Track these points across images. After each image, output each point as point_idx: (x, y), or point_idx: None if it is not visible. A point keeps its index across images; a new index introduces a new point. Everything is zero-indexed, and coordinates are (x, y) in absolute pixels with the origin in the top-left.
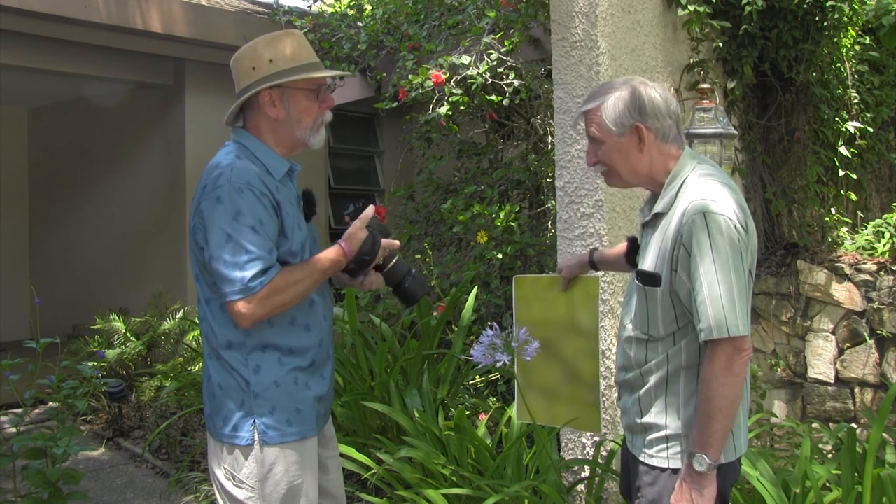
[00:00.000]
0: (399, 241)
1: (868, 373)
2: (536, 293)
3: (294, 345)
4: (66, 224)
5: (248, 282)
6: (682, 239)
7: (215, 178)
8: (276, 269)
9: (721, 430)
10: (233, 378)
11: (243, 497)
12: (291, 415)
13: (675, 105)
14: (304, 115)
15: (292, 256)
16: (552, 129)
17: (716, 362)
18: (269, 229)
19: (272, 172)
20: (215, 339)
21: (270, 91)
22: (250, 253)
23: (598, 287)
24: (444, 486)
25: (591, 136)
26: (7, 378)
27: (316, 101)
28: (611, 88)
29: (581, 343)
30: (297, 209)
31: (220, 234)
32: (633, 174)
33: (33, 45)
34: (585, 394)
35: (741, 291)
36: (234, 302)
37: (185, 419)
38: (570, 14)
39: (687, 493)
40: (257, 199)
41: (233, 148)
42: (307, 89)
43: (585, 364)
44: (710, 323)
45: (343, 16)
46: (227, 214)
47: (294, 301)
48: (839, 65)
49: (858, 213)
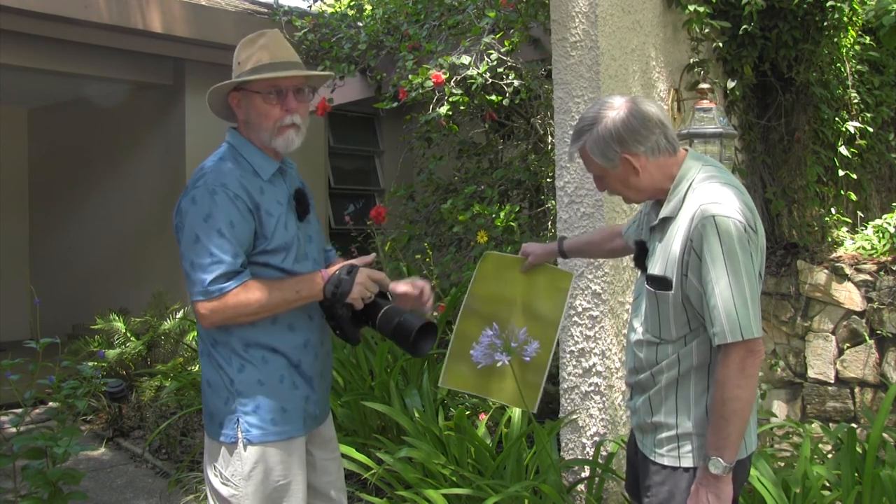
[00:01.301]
0: (399, 241)
1: (868, 373)
2: (498, 271)
3: (277, 344)
4: (66, 224)
5: (208, 285)
6: (692, 244)
7: (195, 179)
8: (243, 278)
9: (736, 432)
10: (219, 376)
11: (227, 494)
12: (276, 414)
13: (655, 112)
14: (261, 118)
15: (272, 255)
16: (552, 129)
17: (730, 365)
18: (241, 231)
19: (259, 173)
20: (204, 336)
21: (236, 93)
22: (213, 256)
23: (570, 283)
24: (445, 486)
25: (591, 171)
26: (7, 378)
27: (274, 104)
28: (588, 124)
29: (536, 328)
30: (285, 209)
31: (190, 234)
32: (639, 193)
33: (33, 45)
34: (530, 375)
35: (753, 294)
36: (195, 302)
37: (185, 419)
38: (570, 14)
39: (704, 496)
40: (230, 200)
41: (223, 149)
42: (264, 92)
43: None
44: (723, 327)
45: (343, 16)
46: (198, 216)
47: (258, 314)
48: (839, 65)
49: (858, 213)
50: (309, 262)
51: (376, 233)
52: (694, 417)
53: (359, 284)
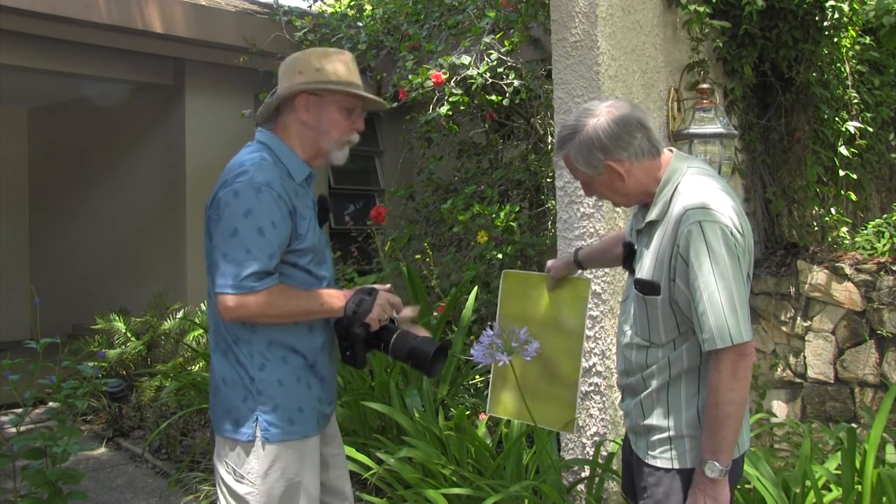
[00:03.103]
0: (399, 241)
1: (868, 373)
2: (524, 289)
3: (297, 344)
4: (66, 224)
5: (242, 279)
6: (678, 249)
7: (235, 173)
8: (274, 280)
9: (731, 436)
10: (237, 373)
11: (243, 492)
12: (294, 413)
13: (636, 115)
14: (332, 128)
15: (301, 256)
16: (552, 129)
17: (721, 370)
18: (281, 232)
19: (293, 175)
20: (224, 332)
21: (308, 95)
22: (250, 253)
23: (588, 289)
24: (445, 486)
25: (577, 179)
26: (7, 378)
27: (347, 119)
28: (570, 133)
29: (563, 342)
30: (313, 213)
31: (228, 226)
32: (627, 197)
33: (33, 45)
34: (562, 393)
35: (741, 297)
36: (223, 294)
37: (185, 419)
38: (570, 14)
39: (702, 500)
40: (274, 200)
41: (257, 147)
42: (342, 105)
43: (565, 363)
44: (713, 333)
45: (343, 16)
46: (239, 210)
47: (281, 318)
48: (839, 65)
49: (858, 213)
50: (327, 265)
51: (376, 233)
52: (685, 419)
53: (378, 306)
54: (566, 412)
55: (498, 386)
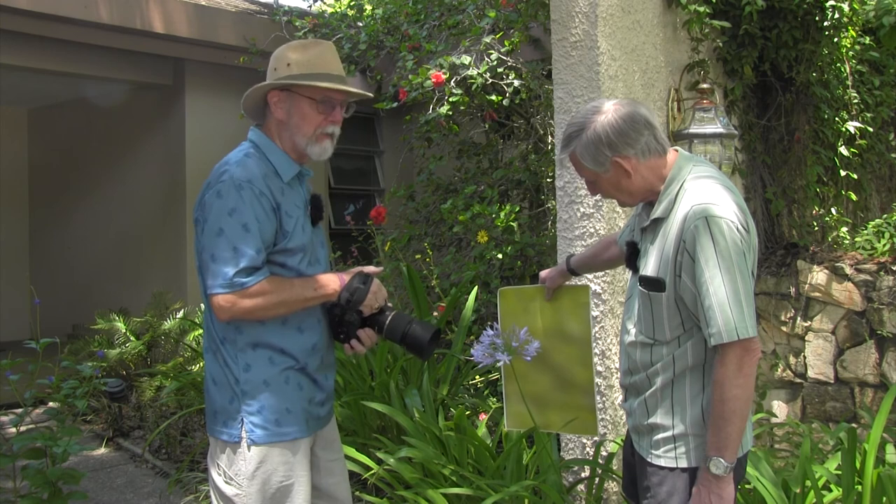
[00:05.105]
0: (399, 241)
1: (868, 373)
2: (522, 304)
3: (286, 345)
4: (66, 224)
5: (233, 277)
6: (685, 245)
7: (219, 173)
8: (264, 274)
9: (736, 432)
10: (224, 374)
11: (231, 494)
12: (281, 415)
13: (643, 114)
14: (302, 122)
15: (290, 256)
16: (552, 129)
17: (727, 365)
18: (265, 228)
19: (280, 174)
20: (213, 333)
21: (279, 92)
22: (237, 250)
23: (588, 295)
24: (445, 486)
25: (583, 177)
26: (7, 378)
27: (319, 112)
28: (577, 130)
29: (573, 350)
30: (302, 212)
31: (213, 227)
32: (632, 196)
33: (33, 45)
34: (581, 399)
35: (747, 293)
36: (215, 294)
37: (185, 419)
38: (570, 14)
39: (706, 497)
40: (256, 197)
41: (246, 147)
42: (311, 97)
43: (579, 370)
44: (719, 328)
45: (343, 16)
46: (223, 209)
47: (276, 310)
48: (839, 65)
49: (858, 213)
50: (321, 266)
51: (376, 233)
52: (690, 418)
53: (373, 293)
54: (587, 417)
55: (511, 400)
